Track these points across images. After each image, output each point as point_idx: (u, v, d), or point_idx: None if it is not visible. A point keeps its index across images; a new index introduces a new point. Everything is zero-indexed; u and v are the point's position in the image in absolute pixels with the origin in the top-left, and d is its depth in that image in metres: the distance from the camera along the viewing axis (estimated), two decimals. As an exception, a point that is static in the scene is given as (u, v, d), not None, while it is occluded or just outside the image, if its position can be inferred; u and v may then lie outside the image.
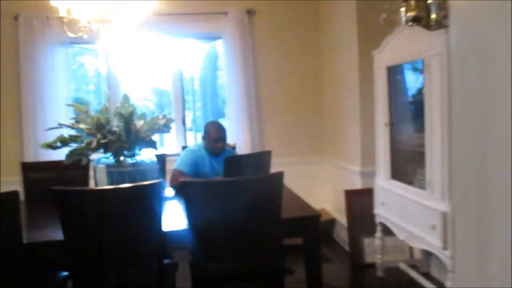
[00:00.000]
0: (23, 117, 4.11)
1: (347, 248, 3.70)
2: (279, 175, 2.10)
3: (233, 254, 2.10)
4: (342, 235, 3.94)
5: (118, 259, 2.01)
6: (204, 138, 3.26)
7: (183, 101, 4.57)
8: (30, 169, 3.22)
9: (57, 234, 1.99)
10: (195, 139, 4.87)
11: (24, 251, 1.99)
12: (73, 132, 2.49)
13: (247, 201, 2.04)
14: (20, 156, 4.19)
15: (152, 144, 2.48)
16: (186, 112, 4.67)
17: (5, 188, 4.31)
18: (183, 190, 2.02)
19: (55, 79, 4.09)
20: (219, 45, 4.52)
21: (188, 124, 4.73)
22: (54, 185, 3.32)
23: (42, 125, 3.82)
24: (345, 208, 3.65)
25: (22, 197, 3.20)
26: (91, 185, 3.13)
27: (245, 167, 2.81)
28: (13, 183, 3.21)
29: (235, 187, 2.09)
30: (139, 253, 2.03)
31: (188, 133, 4.73)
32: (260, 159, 2.96)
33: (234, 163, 2.81)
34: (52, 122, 3.17)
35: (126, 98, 2.57)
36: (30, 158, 4.03)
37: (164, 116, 2.45)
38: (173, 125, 2.83)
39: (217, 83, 4.91)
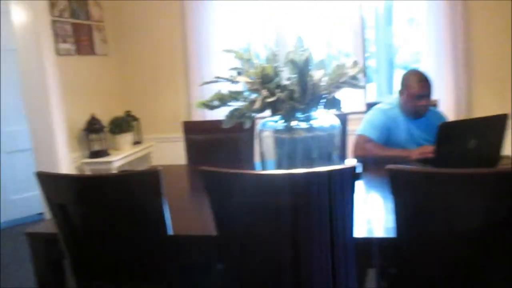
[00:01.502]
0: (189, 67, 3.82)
1: None
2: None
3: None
4: None
5: (284, 267, 1.40)
6: (401, 93, 2.41)
7: (364, 42, 3.71)
8: (191, 129, 2.84)
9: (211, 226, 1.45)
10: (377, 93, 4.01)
11: (169, 244, 1.50)
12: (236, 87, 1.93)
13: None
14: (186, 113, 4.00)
15: (335, 104, 1.76)
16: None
17: (171, 146, 4.23)
18: (392, 180, 1.26)
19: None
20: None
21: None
22: (215, 148, 2.99)
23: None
24: None
25: (183, 159, 2.91)
26: (257, 150, 2.60)
27: (468, 138, 1.91)
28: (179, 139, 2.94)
29: (471, 180, 1.25)
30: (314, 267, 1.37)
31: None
32: (490, 126, 2.01)
33: (453, 131, 1.93)
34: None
35: (300, 40, 1.88)
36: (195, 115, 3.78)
37: (355, 62, 1.68)
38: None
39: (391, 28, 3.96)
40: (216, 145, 2.72)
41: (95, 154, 3.63)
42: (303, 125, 1.82)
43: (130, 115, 4.07)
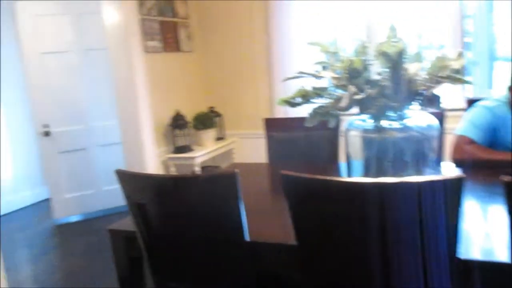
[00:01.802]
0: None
1: None
2: None
3: None
4: None
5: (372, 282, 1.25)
6: (511, 89, 2.11)
7: (463, 32, 3.36)
8: (272, 126, 2.74)
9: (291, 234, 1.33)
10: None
11: (245, 250, 1.41)
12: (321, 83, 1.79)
13: None
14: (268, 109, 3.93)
15: (434, 101, 1.55)
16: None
17: (253, 142, 4.19)
18: (509, 195, 1.06)
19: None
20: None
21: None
22: (297, 146, 2.87)
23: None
24: None
25: (265, 156, 2.84)
26: (341, 150, 2.44)
27: None
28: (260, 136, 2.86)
29: None
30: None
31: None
32: None
33: None
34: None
35: (393, 30, 1.69)
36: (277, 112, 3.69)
37: (460, 54, 1.46)
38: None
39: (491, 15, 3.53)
40: (298, 143, 2.60)
41: (180, 150, 3.68)
42: (395, 124, 1.63)
43: (214, 111, 4.09)
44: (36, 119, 4.43)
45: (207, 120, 3.82)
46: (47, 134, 4.44)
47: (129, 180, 1.49)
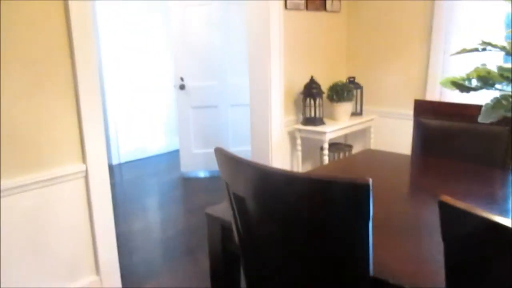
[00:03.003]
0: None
1: None
2: None
3: None
4: None
5: None
6: None
7: None
8: (424, 110, 2.19)
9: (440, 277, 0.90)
10: None
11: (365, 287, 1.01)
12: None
13: None
14: (420, 89, 3.34)
15: None
16: None
17: (395, 123, 3.62)
18: None
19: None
20: None
21: None
22: (454, 140, 2.27)
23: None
24: None
25: (408, 142, 2.33)
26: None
27: None
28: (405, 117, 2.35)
29: None
30: None
31: None
32: None
33: None
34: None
35: None
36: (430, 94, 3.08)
37: None
38: None
39: None
40: (456, 136, 2.03)
41: (309, 121, 3.32)
42: None
43: (353, 82, 3.61)
44: (175, 72, 4.44)
45: (345, 91, 3.36)
46: (182, 87, 4.43)
47: (228, 164, 1.17)
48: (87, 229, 2.33)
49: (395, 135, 3.59)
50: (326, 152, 3.24)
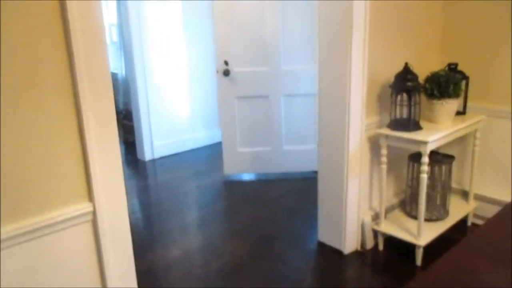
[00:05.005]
0: None
1: None
2: None
3: None
4: None
5: None
6: None
7: None
8: None
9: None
10: None
11: None
12: None
13: None
14: None
15: None
16: None
17: (505, 123, 2.63)
18: None
19: None
20: None
21: None
22: None
23: None
24: None
25: None
26: None
27: None
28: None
29: None
30: None
31: None
32: None
33: None
34: None
35: None
36: None
37: None
38: None
39: None
40: None
41: (400, 125, 2.44)
42: None
43: (456, 70, 2.68)
44: (217, 54, 3.64)
45: (450, 84, 2.45)
46: (226, 73, 3.63)
47: None
48: (96, 293, 1.60)
49: (507, 141, 2.68)
50: (425, 168, 2.36)
